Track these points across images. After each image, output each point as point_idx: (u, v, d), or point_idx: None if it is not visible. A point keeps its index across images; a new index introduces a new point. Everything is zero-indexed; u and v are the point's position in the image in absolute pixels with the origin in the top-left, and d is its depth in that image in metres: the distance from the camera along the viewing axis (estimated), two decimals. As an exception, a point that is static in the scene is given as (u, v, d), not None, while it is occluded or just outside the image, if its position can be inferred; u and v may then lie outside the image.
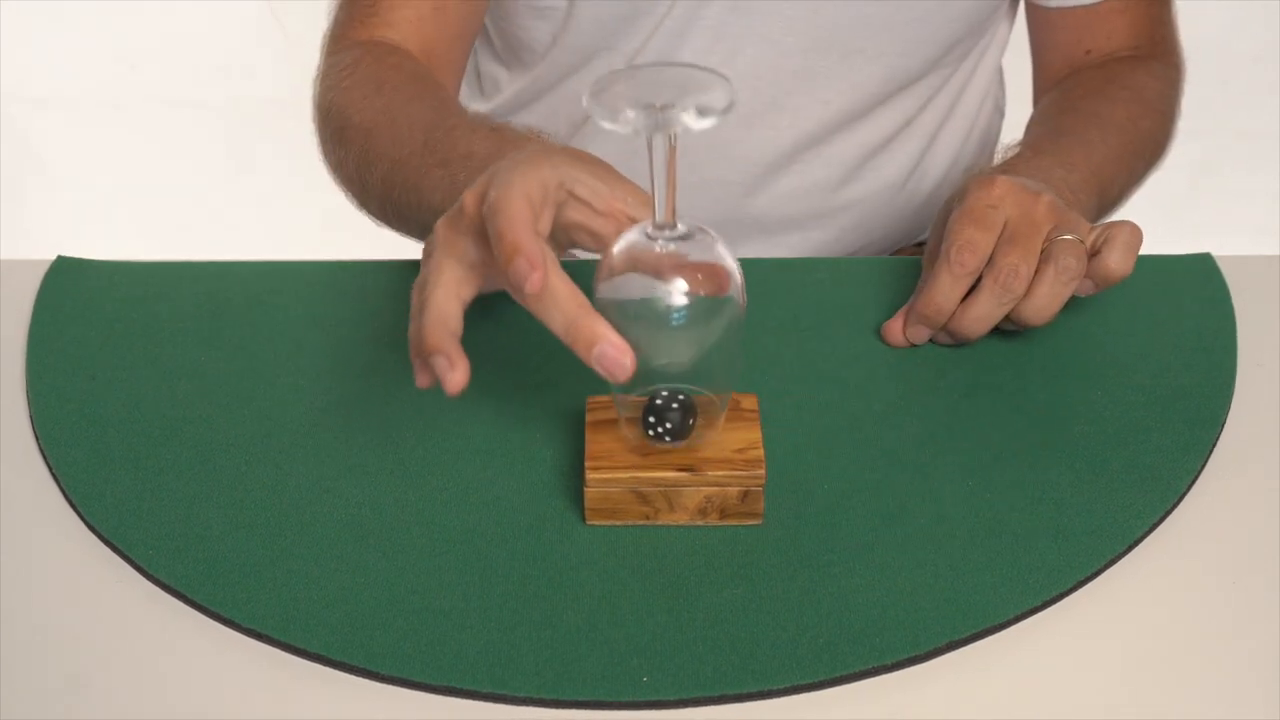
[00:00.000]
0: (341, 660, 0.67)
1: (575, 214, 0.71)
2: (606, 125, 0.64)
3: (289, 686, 0.66)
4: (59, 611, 0.70)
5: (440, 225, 0.70)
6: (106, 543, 0.73)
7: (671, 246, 0.68)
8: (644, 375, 0.68)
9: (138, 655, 0.68)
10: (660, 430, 0.71)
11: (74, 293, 0.89)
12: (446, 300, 0.68)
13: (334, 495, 0.75)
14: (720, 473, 0.71)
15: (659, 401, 0.71)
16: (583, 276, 0.91)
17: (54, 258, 0.92)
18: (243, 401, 0.81)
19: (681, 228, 0.68)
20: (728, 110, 0.64)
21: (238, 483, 0.76)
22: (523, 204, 0.66)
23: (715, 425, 0.72)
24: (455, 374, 0.66)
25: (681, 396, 0.71)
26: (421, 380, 0.67)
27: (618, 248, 0.69)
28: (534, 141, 0.81)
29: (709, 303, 0.68)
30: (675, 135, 0.65)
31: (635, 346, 0.65)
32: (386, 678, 0.66)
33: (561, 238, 0.72)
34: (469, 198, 0.69)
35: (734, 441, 0.72)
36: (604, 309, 0.67)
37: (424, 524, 0.73)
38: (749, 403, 0.74)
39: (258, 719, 0.65)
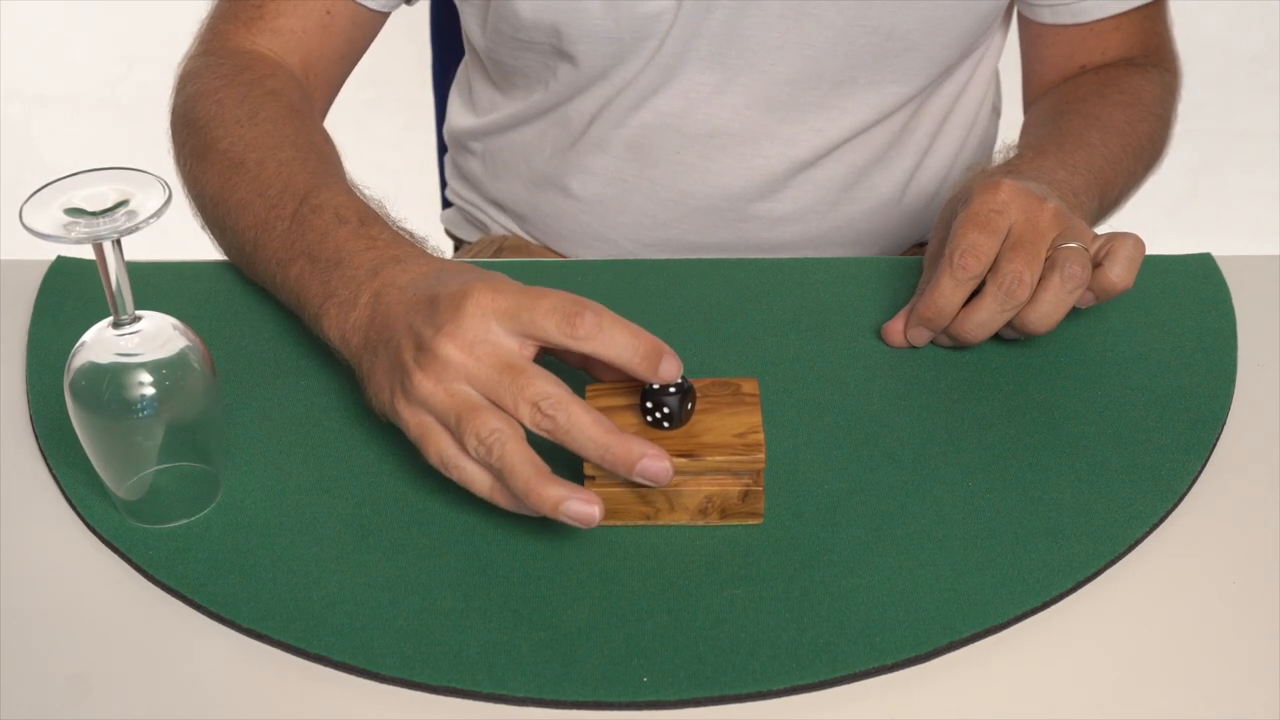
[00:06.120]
0: (341, 660, 0.67)
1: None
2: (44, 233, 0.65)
3: (289, 686, 0.66)
4: (59, 611, 0.70)
5: (432, 392, 0.70)
6: (106, 543, 0.73)
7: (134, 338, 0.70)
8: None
9: (138, 655, 0.68)
10: (658, 415, 0.71)
11: (74, 293, 0.89)
12: (527, 449, 0.69)
13: (334, 495, 0.75)
14: (720, 457, 0.71)
15: (656, 386, 0.71)
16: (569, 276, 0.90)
17: (54, 258, 0.92)
18: (243, 401, 0.81)
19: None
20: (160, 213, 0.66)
21: (238, 483, 0.76)
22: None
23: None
24: (595, 506, 0.67)
25: (680, 381, 0.71)
26: (590, 516, 0.68)
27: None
28: (405, 247, 0.80)
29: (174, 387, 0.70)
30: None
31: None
32: (386, 678, 0.66)
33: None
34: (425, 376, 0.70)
35: (734, 426, 0.72)
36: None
37: (424, 524, 0.73)
38: (750, 387, 0.74)
39: (258, 719, 0.65)
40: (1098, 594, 0.71)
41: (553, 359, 0.76)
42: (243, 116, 0.90)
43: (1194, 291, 0.89)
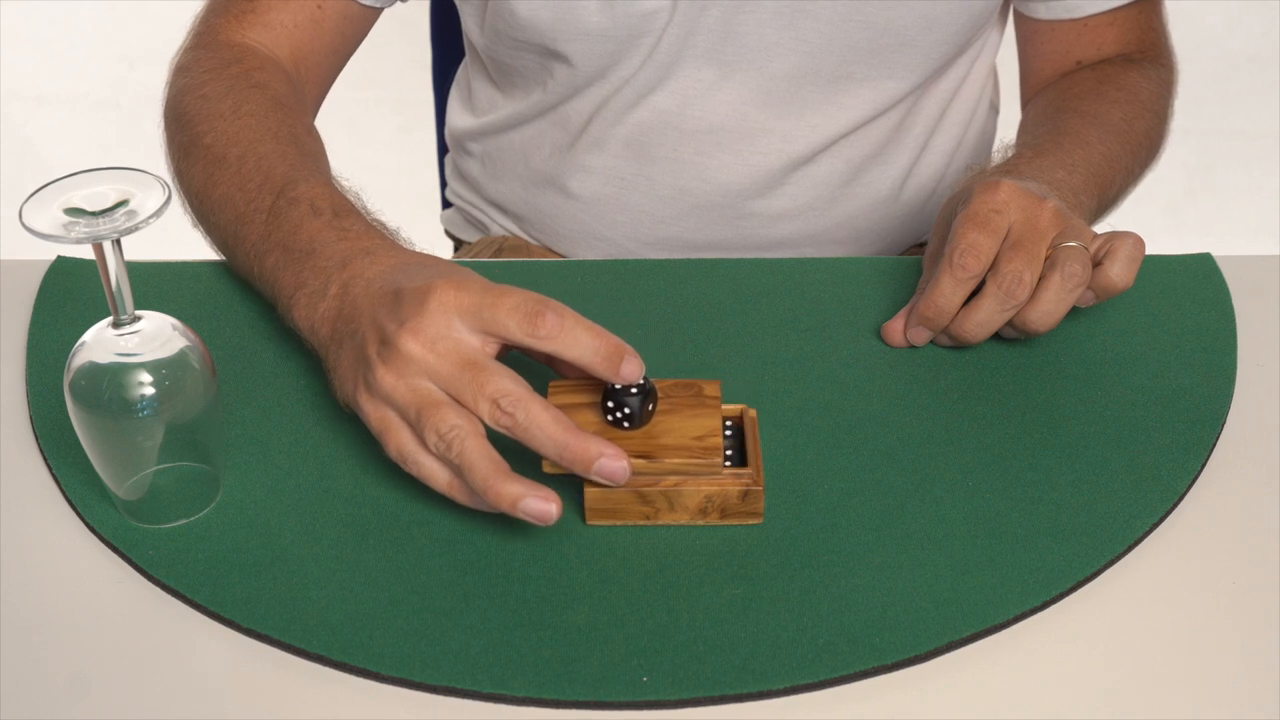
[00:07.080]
0: (341, 660, 0.67)
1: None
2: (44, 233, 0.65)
3: (289, 686, 0.66)
4: (59, 611, 0.70)
5: (395, 389, 0.70)
6: (106, 543, 0.73)
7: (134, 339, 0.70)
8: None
9: (138, 655, 0.68)
10: (619, 415, 0.71)
11: (74, 293, 0.89)
12: (486, 445, 0.69)
13: (334, 495, 0.75)
14: (678, 459, 0.71)
15: (618, 386, 0.71)
16: (561, 276, 0.91)
17: (54, 258, 0.92)
18: (243, 401, 0.81)
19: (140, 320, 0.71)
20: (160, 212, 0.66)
21: (238, 483, 0.76)
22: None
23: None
24: (552, 504, 0.67)
25: (642, 381, 0.71)
26: (547, 513, 0.68)
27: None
28: (376, 240, 0.80)
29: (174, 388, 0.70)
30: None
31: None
32: (386, 678, 0.66)
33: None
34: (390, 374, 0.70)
35: (694, 429, 0.72)
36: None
37: (424, 524, 0.73)
38: (712, 389, 0.74)
39: (258, 719, 0.65)
40: (1098, 594, 0.71)
41: (519, 355, 0.76)
42: (226, 111, 0.90)
43: (1194, 291, 0.89)
